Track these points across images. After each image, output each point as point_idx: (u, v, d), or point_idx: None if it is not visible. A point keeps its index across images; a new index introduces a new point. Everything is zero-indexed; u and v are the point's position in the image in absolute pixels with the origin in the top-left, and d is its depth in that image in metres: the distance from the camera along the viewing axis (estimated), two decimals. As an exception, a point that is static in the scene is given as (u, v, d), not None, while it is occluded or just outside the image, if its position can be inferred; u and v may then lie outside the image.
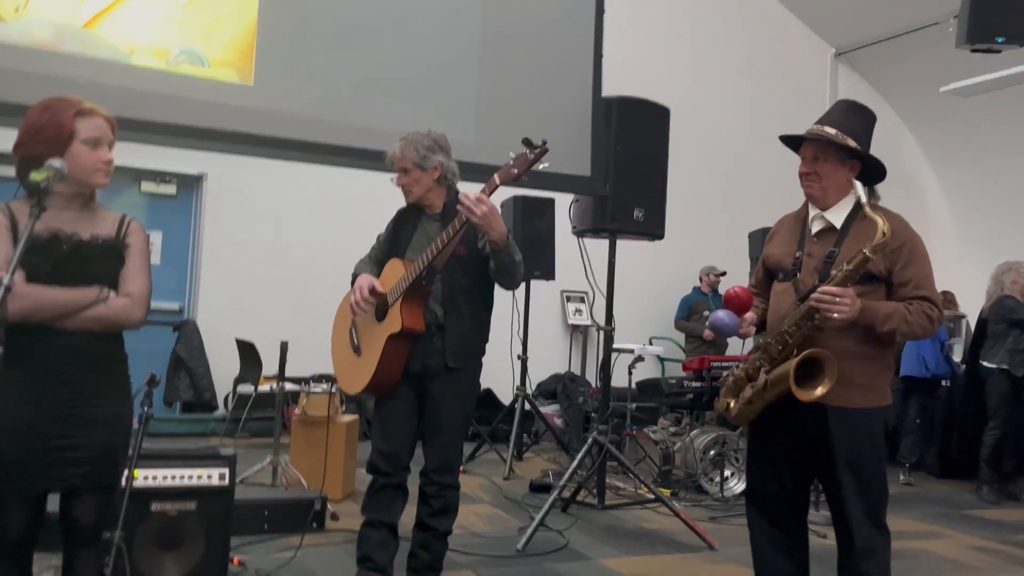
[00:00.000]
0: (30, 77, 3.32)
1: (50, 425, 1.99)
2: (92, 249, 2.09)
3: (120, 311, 2.09)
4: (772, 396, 2.49)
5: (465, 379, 3.04)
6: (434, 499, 3.04)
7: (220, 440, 6.37)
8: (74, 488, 2.06)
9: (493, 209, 2.77)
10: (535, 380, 7.20)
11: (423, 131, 3.05)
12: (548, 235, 6.15)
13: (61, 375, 2.01)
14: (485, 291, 3.07)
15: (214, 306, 7.07)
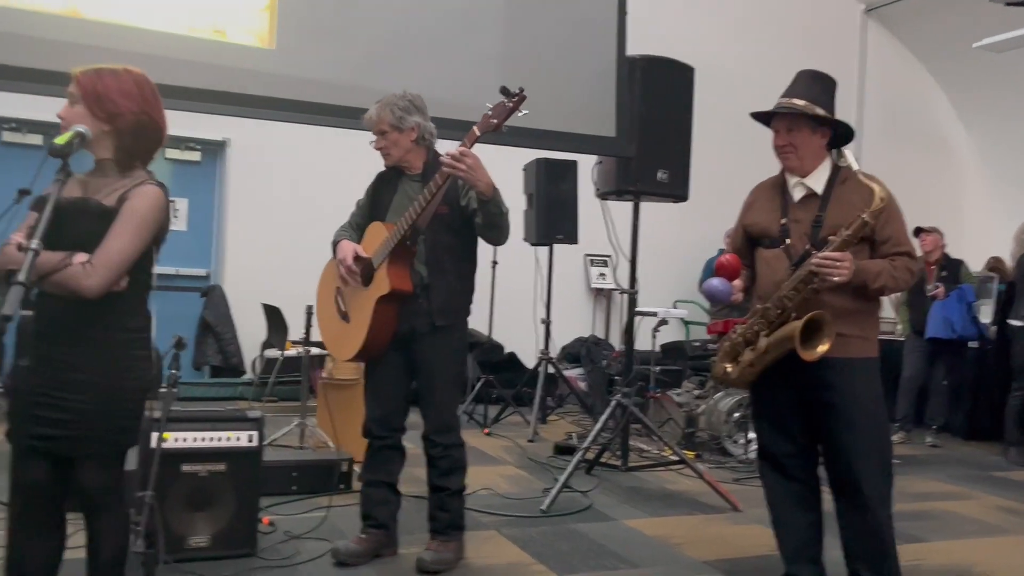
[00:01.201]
0: (53, 44, 3.33)
1: (37, 385, 1.96)
2: (79, 213, 2.03)
3: (71, 277, 1.96)
4: (772, 358, 2.66)
5: (454, 337, 3.06)
6: (440, 460, 3.07)
7: (248, 404, 6.47)
8: (51, 449, 2.03)
9: (477, 161, 2.77)
10: (559, 344, 7.23)
11: (398, 92, 3.03)
12: (571, 198, 6.11)
13: (47, 337, 1.98)
14: (469, 249, 3.08)
15: (240, 271, 7.13)
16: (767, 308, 2.67)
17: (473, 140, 2.78)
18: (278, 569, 2.99)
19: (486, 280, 6.10)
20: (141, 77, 2.13)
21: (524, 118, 4.13)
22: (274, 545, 3.22)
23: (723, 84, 7.93)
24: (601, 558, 3.34)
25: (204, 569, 2.90)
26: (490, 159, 7.75)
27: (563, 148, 5.05)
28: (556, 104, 4.17)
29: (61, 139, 1.89)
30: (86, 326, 2.02)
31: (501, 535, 3.56)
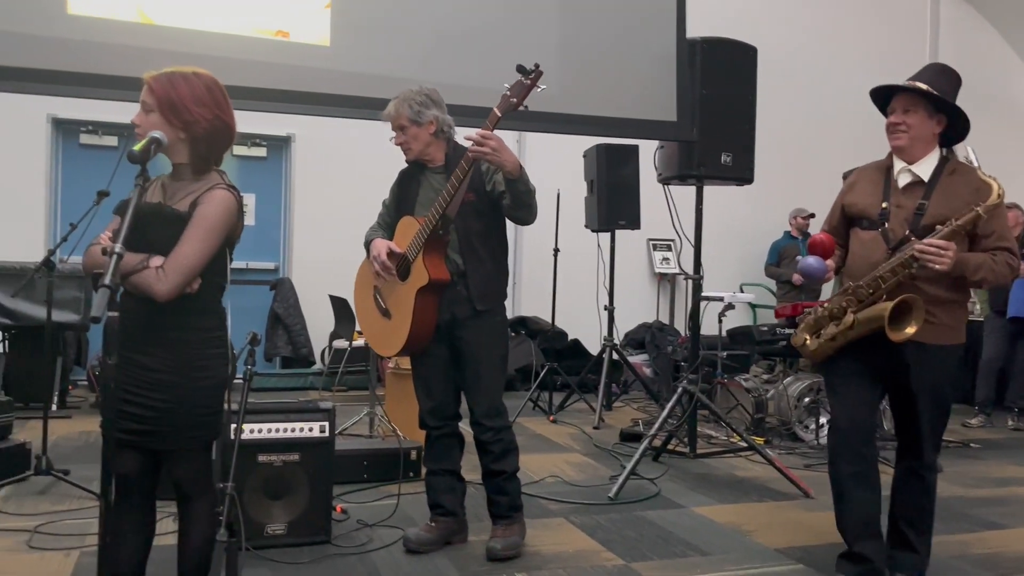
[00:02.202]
0: (126, 50, 3.44)
1: (123, 382, 2.05)
2: (150, 216, 2.09)
3: (146, 280, 2.03)
4: (856, 335, 2.75)
5: (495, 321, 3.10)
6: (492, 445, 3.09)
7: (318, 393, 6.63)
8: (137, 444, 2.13)
9: (500, 142, 2.79)
10: (622, 330, 7.19)
11: (415, 88, 3.06)
12: (632, 183, 6.06)
13: (129, 338, 2.06)
14: (499, 233, 3.11)
15: (308, 264, 7.29)
16: (859, 286, 2.75)
17: (495, 122, 2.80)
18: (352, 556, 3.07)
19: (548, 268, 6.11)
20: (211, 80, 2.18)
21: (583, 105, 4.15)
22: (348, 532, 3.30)
23: (788, 63, 7.76)
24: (670, 545, 3.33)
25: (281, 556, 2.99)
26: (548, 146, 7.78)
27: (624, 135, 5.02)
28: (615, 91, 4.15)
29: (138, 146, 1.96)
30: (162, 328, 2.09)
31: (569, 522, 3.58)
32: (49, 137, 6.84)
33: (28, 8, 3.34)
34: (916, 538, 2.85)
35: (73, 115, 6.74)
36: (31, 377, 5.48)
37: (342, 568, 2.96)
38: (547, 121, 4.06)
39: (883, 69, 3.21)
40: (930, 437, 2.81)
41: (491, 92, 3.16)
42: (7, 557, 2.95)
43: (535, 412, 6.03)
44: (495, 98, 3.40)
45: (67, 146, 6.98)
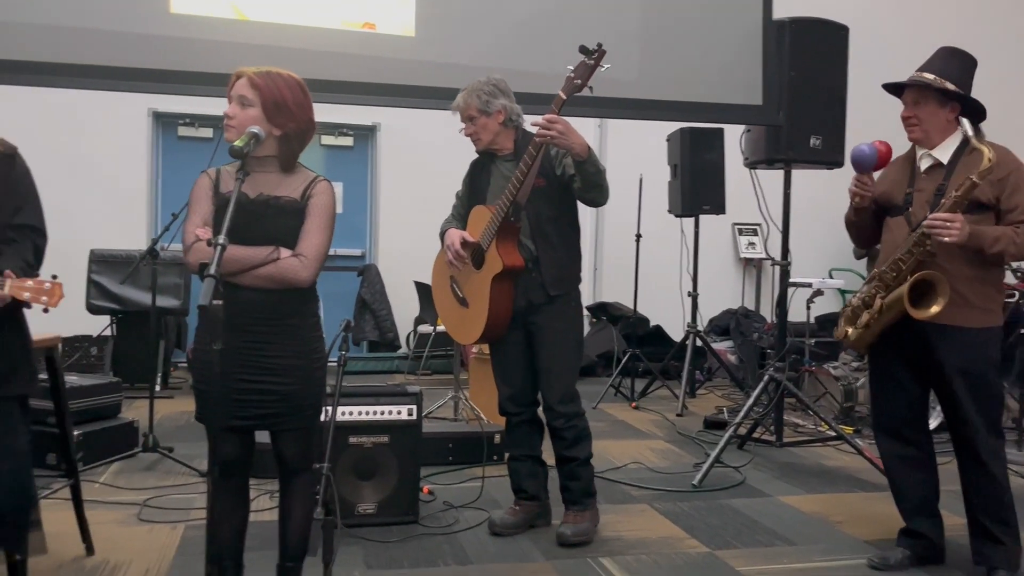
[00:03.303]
0: (221, 45, 3.58)
1: (234, 369, 2.14)
2: (264, 208, 2.20)
3: (287, 270, 2.17)
4: (888, 319, 2.79)
5: (569, 306, 3.10)
6: (565, 431, 3.10)
7: (403, 377, 6.78)
8: (262, 427, 2.27)
9: (567, 125, 2.79)
10: (706, 316, 7.10)
11: (483, 78, 3.08)
12: (717, 167, 5.96)
13: (241, 325, 2.15)
14: (570, 218, 3.11)
15: (393, 250, 7.44)
16: (883, 271, 2.81)
17: (560, 104, 2.80)
18: (439, 536, 3.15)
19: (630, 253, 6.08)
20: (301, 81, 2.28)
21: (666, 91, 4.11)
22: (434, 513, 3.39)
23: (880, 42, 7.47)
24: (756, 534, 3.31)
25: (371, 534, 3.10)
26: (630, 131, 7.70)
27: (707, 120, 4.95)
28: (699, 75, 4.10)
29: (240, 141, 2.05)
30: (282, 315, 2.21)
31: (652, 508, 3.59)
32: (149, 130, 7.15)
33: (134, 9, 3.51)
34: (998, 529, 2.78)
35: (171, 108, 7.03)
36: (136, 359, 5.79)
37: (430, 548, 3.05)
38: (629, 107, 4.04)
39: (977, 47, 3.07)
40: (981, 424, 2.74)
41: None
42: (120, 529, 3.14)
43: (617, 398, 6.03)
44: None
45: (166, 138, 7.30)
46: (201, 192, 2.23)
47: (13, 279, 2.05)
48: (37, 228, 2.26)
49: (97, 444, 3.92)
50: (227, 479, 2.25)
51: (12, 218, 2.20)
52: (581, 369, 6.97)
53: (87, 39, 3.42)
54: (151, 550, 2.94)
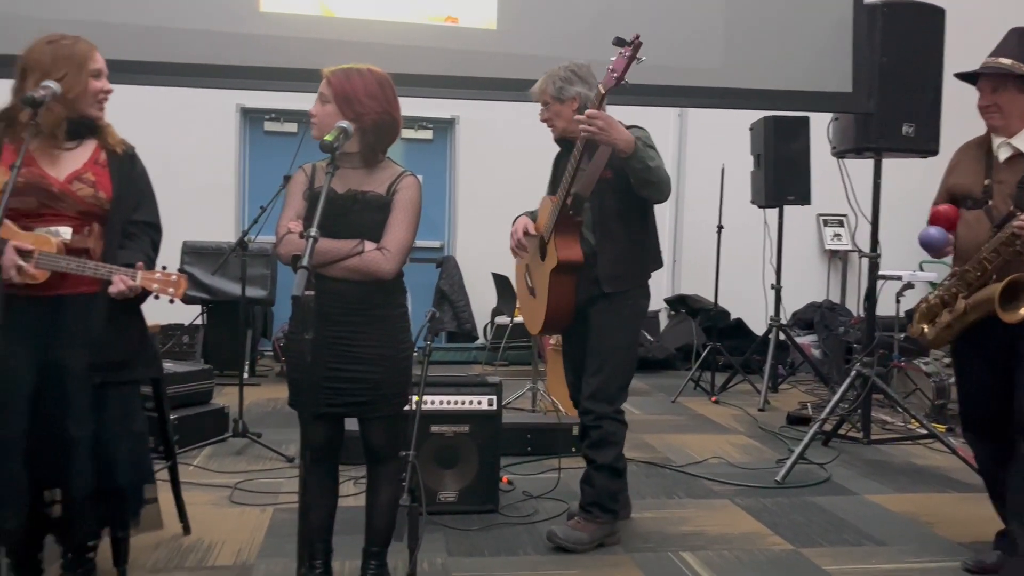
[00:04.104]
0: (309, 42, 3.66)
1: (324, 358, 2.22)
2: (352, 202, 2.28)
3: (370, 263, 2.24)
4: (971, 320, 2.72)
5: (624, 305, 2.96)
6: (591, 429, 2.98)
7: (481, 367, 6.84)
8: (352, 414, 2.33)
9: (609, 120, 2.69)
10: (789, 309, 6.94)
11: (564, 63, 2.99)
12: (802, 156, 5.81)
13: (330, 316, 2.24)
14: (639, 213, 2.97)
15: (471, 242, 7.51)
16: (965, 270, 2.73)
17: (601, 99, 2.71)
18: (519, 526, 3.18)
19: (711, 245, 5.99)
20: (383, 77, 2.33)
21: (750, 79, 4.03)
22: (514, 503, 3.41)
23: (979, 23, 7.13)
24: (842, 532, 3.22)
25: (453, 522, 3.15)
26: (711, 121, 7.56)
27: (794, 108, 4.82)
28: (785, 62, 3.98)
29: (330, 136, 2.11)
30: (374, 305, 2.30)
31: (734, 504, 3.53)
32: (237, 125, 7.38)
33: (226, 9, 3.62)
34: None
35: (258, 104, 7.24)
36: (225, 347, 6.00)
37: (510, 537, 3.07)
38: (712, 96, 3.97)
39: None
40: None
41: (657, 68, 3.12)
42: (213, 510, 3.27)
43: (696, 392, 5.96)
44: (661, 74, 3.36)
45: (253, 133, 7.52)
46: (296, 187, 2.31)
47: (144, 271, 2.17)
48: (154, 224, 2.40)
49: (191, 429, 4.08)
50: (318, 464, 2.32)
51: (132, 214, 2.33)
52: (658, 362, 7.01)
53: (182, 39, 3.55)
54: (242, 531, 3.05)
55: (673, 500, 3.60)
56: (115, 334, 2.25)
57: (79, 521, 2.28)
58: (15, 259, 2.10)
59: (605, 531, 3.00)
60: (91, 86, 2.27)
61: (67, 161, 2.28)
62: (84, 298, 2.22)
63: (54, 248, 2.18)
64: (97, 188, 2.27)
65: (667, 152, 7.62)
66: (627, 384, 3.03)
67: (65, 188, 2.23)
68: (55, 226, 2.22)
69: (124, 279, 2.15)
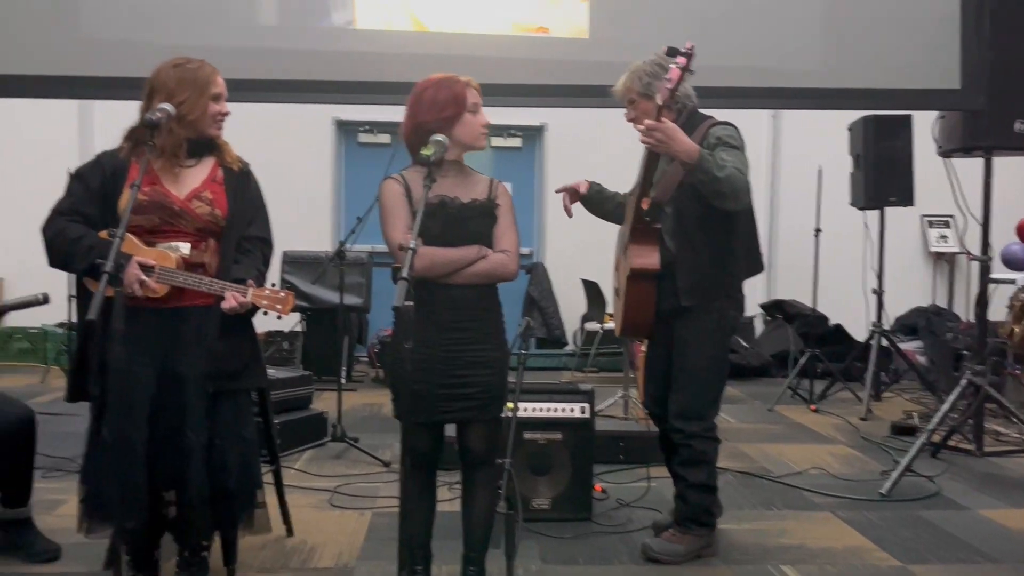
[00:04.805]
0: (400, 56, 3.75)
1: (443, 365, 2.31)
2: (471, 211, 2.37)
3: (499, 265, 2.37)
4: None
5: (708, 318, 2.83)
6: (680, 448, 2.88)
7: (571, 374, 6.83)
8: (464, 420, 2.38)
9: (668, 131, 2.57)
10: (892, 314, 6.68)
11: (649, 58, 2.85)
12: (904, 156, 5.58)
13: (447, 323, 2.31)
14: (724, 218, 2.77)
15: (561, 249, 7.52)
16: None
17: (659, 111, 2.61)
18: (614, 535, 3.16)
19: (807, 248, 5.82)
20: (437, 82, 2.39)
21: (850, 78, 3.91)
22: (607, 511, 3.39)
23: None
24: (953, 549, 3.08)
25: (547, 529, 3.15)
26: (807, 122, 7.35)
27: (899, 107, 4.65)
28: (887, 60, 3.84)
29: (426, 149, 2.16)
30: (486, 308, 2.39)
31: (836, 517, 3.42)
32: (332, 138, 7.61)
33: (326, 28, 3.75)
34: None
35: (352, 117, 7.44)
36: (322, 353, 6.18)
37: (604, 546, 3.06)
38: (810, 97, 3.87)
39: None
40: None
41: (753, 70, 3.07)
42: (314, 513, 3.37)
43: (794, 400, 5.79)
44: (758, 76, 3.29)
45: (348, 145, 7.73)
46: (398, 199, 2.36)
47: (254, 288, 2.27)
48: (266, 239, 2.51)
49: (292, 433, 4.22)
50: (419, 472, 2.37)
51: (246, 230, 2.44)
52: (753, 369, 6.85)
53: (285, 58, 3.70)
54: (343, 534, 3.14)
55: (772, 512, 3.51)
56: (229, 345, 2.36)
57: (193, 522, 2.39)
58: (138, 273, 2.23)
59: (702, 543, 2.95)
60: (211, 108, 2.39)
61: (188, 179, 2.40)
62: (201, 310, 2.33)
63: (173, 264, 2.30)
64: (214, 206, 2.39)
65: (760, 154, 7.53)
66: (717, 399, 2.94)
67: (185, 206, 2.35)
68: (175, 242, 2.34)
69: (236, 295, 2.26)
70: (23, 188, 6.26)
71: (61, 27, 3.60)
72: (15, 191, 6.58)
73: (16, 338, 6.81)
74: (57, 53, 3.60)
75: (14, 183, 6.76)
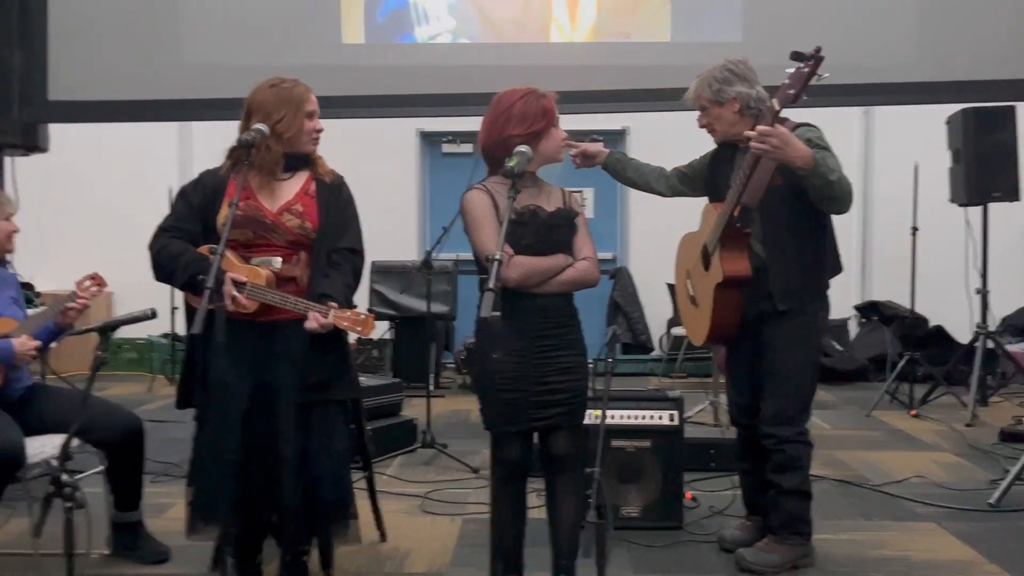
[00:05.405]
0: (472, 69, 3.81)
1: (532, 373, 2.33)
2: (557, 220, 2.40)
3: (586, 273, 2.41)
4: None
5: (800, 321, 2.78)
6: (773, 454, 2.80)
7: (658, 380, 6.76)
8: (553, 426, 2.39)
9: (782, 137, 2.49)
10: (998, 315, 6.36)
11: (719, 63, 2.80)
12: (1009, 149, 5.31)
13: (535, 331, 2.34)
14: (813, 222, 2.76)
15: (645, 253, 7.45)
16: None
17: (774, 116, 2.52)
18: (705, 544, 3.11)
19: (904, 248, 5.60)
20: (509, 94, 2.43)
21: (948, 70, 3.75)
22: (698, 520, 3.35)
23: None
24: (1072, 565, 2.92)
25: (637, 537, 3.13)
26: (902, 117, 7.09)
27: (1004, 99, 4.43)
28: (988, 50, 3.69)
29: (510, 161, 2.18)
30: (570, 314, 2.43)
31: (942, 528, 3.28)
32: (417, 149, 7.75)
33: (406, 43, 3.84)
34: None
35: (436, 127, 7.56)
36: (411, 361, 6.29)
37: (697, 555, 3.02)
38: (906, 92, 3.74)
39: None
40: None
41: (845, 67, 2.95)
42: (406, 519, 3.43)
43: (893, 405, 5.58)
44: (850, 73, 3.18)
45: (432, 155, 7.86)
46: (486, 210, 2.38)
47: (336, 309, 2.33)
48: (357, 250, 2.55)
49: (383, 439, 4.31)
50: (510, 483, 2.39)
51: (337, 242, 2.50)
52: (848, 373, 6.63)
53: (371, 74, 3.81)
54: (434, 540, 3.19)
55: (871, 522, 3.39)
56: (318, 358, 2.42)
57: (291, 530, 2.47)
58: (231, 290, 2.32)
59: (797, 553, 2.87)
60: (306, 125, 2.47)
61: (281, 192, 2.48)
62: (291, 324, 2.40)
63: (263, 281, 2.38)
64: (304, 219, 2.46)
65: (852, 152, 7.30)
66: (809, 403, 2.88)
67: (276, 220, 2.44)
68: (268, 255, 2.43)
69: (318, 317, 2.31)
70: (130, 207, 6.61)
71: (164, 55, 3.81)
72: (123, 210, 6.94)
73: (125, 349, 7.20)
74: (160, 79, 3.81)
75: (121, 202, 7.12)
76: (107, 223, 7.19)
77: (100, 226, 7.28)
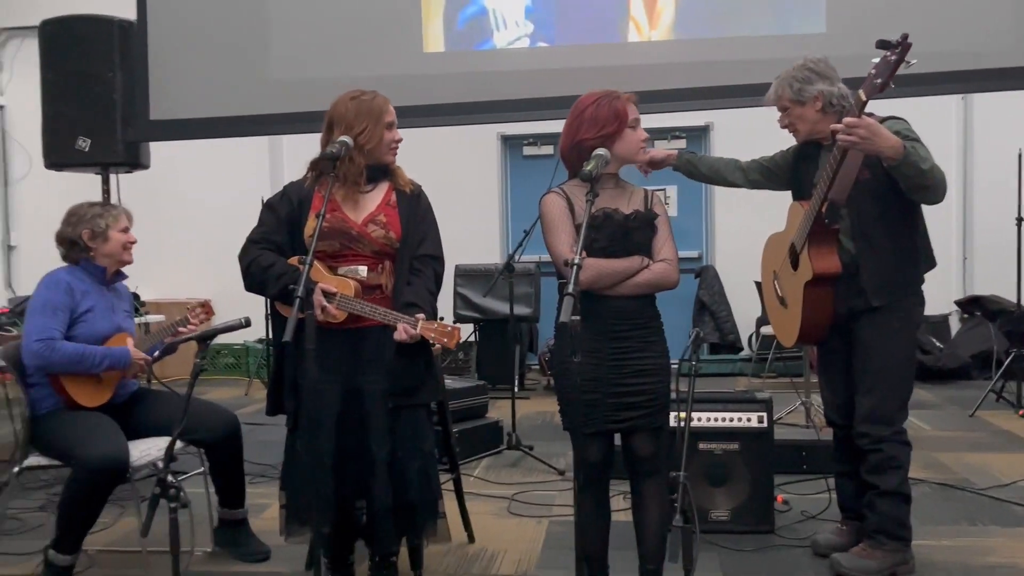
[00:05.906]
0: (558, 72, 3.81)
1: (609, 375, 2.33)
2: (634, 222, 2.39)
3: (663, 275, 2.39)
4: None
5: (895, 317, 2.71)
6: (869, 454, 2.72)
7: (748, 380, 6.62)
8: (633, 428, 2.38)
9: (871, 128, 2.41)
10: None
11: (799, 62, 2.75)
12: (1123, 132, 5.02)
13: (612, 333, 2.34)
14: (904, 214, 2.69)
15: (731, 250, 7.31)
16: None
17: (861, 106, 2.43)
18: (798, 549, 3.04)
19: (1008, 239, 5.34)
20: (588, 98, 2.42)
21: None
22: (790, 524, 3.27)
23: None
24: None
25: (727, 541, 3.08)
26: (1002, 104, 6.78)
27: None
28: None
29: (588, 164, 2.19)
30: (651, 317, 2.42)
31: (1055, 537, 3.12)
32: (498, 152, 7.81)
33: (485, 49, 3.89)
34: None
35: (517, 131, 7.60)
36: (495, 363, 6.35)
37: (789, 560, 2.95)
38: (1006, 78, 3.56)
39: None
40: None
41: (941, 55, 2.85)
42: (493, 520, 3.47)
43: (999, 405, 5.32)
44: (946, 60, 3.05)
45: (513, 158, 7.91)
46: (561, 214, 2.39)
47: (423, 320, 2.39)
48: (437, 256, 2.61)
49: (469, 441, 4.36)
50: (593, 486, 2.39)
51: (417, 249, 2.56)
52: (949, 372, 6.36)
53: (451, 83, 3.87)
54: (521, 541, 3.21)
55: (976, 527, 3.25)
56: (405, 363, 2.49)
57: (381, 530, 2.54)
58: (321, 300, 2.40)
59: (896, 559, 2.77)
60: (386, 137, 2.54)
61: (365, 203, 2.56)
62: (379, 331, 2.47)
63: (352, 291, 2.46)
64: (388, 229, 2.53)
65: (950, 141, 7.00)
66: (906, 401, 2.80)
67: (362, 230, 2.51)
68: (354, 265, 2.50)
69: (406, 327, 2.37)
70: (224, 218, 6.88)
71: (252, 73, 3.97)
72: (217, 221, 7.23)
73: (223, 354, 7.50)
74: (249, 96, 3.98)
75: (216, 214, 7.42)
76: (203, 234, 7.50)
77: (197, 237, 7.60)
